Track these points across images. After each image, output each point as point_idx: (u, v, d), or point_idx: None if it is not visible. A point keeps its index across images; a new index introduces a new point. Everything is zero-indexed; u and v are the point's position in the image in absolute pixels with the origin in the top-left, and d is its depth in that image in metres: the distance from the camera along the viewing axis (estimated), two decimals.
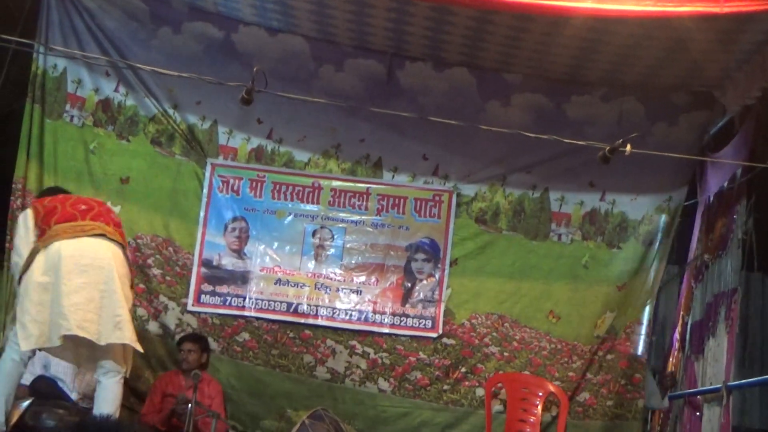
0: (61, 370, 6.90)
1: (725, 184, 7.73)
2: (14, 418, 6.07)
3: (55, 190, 6.66)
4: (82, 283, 5.75)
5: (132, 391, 7.48)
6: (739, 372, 7.35)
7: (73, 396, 6.89)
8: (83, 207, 6.17)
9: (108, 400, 5.95)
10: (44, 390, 6.53)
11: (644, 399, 7.89)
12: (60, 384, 6.87)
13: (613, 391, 7.88)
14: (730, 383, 7.04)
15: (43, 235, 5.90)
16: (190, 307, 7.80)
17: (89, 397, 6.63)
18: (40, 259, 5.80)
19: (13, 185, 7.68)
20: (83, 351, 6.07)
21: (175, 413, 6.91)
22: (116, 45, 7.84)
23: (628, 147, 6.27)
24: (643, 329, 7.92)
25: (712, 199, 8.04)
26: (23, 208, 7.50)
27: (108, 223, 6.15)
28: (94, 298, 5.77)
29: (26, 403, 6.29)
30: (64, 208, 6.09)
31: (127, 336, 5.87)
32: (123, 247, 6.22)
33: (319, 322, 7.85)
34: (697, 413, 7.60)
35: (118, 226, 6.27)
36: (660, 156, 6.89)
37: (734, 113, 7.54)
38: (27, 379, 6.55)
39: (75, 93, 7.93)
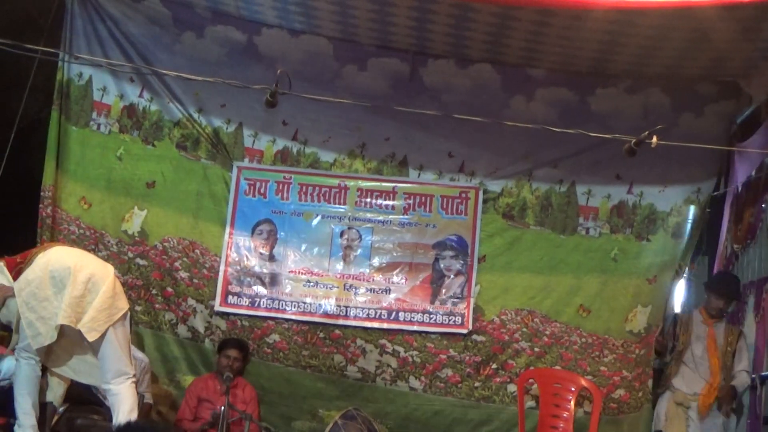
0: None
1: (753, 173, 7.69)
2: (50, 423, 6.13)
3: None
4: (85, 281, 5.80)
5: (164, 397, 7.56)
6: None
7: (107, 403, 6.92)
8: None
9: (123, 403, 5.85)
10: (79, 395, 6.57)
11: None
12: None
13: (644, 382, 7.90)
14: (763, 373, 6.99)
15: (27, 255, 5.96)
16: (217, 308, 7.82)
17: None
18: (40, 261, 5.85)
19: (42, 193, 7.74)
20: (76, 349, 6.04)
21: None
22: (140, 51, 7.87)
23: (654, 139, 6.26)
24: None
25: (740, 188, 7.99)
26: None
27: None
28: (91, 300, 5.83)
29: (61, 409, 6.34)
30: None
31: (83, 321, 5.78)
32: None
33: (349, 322, 7.86)
34: None
35: None
36: (687, 147, 6.87)
37: (760, 102, 7.51)
38: None
39: (101, 100, 7.98)
